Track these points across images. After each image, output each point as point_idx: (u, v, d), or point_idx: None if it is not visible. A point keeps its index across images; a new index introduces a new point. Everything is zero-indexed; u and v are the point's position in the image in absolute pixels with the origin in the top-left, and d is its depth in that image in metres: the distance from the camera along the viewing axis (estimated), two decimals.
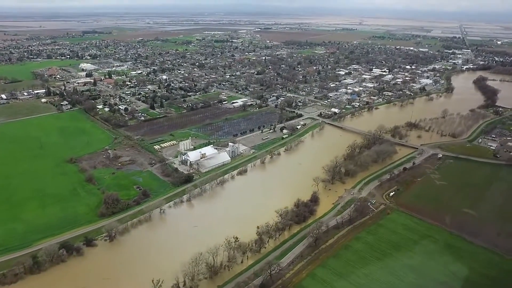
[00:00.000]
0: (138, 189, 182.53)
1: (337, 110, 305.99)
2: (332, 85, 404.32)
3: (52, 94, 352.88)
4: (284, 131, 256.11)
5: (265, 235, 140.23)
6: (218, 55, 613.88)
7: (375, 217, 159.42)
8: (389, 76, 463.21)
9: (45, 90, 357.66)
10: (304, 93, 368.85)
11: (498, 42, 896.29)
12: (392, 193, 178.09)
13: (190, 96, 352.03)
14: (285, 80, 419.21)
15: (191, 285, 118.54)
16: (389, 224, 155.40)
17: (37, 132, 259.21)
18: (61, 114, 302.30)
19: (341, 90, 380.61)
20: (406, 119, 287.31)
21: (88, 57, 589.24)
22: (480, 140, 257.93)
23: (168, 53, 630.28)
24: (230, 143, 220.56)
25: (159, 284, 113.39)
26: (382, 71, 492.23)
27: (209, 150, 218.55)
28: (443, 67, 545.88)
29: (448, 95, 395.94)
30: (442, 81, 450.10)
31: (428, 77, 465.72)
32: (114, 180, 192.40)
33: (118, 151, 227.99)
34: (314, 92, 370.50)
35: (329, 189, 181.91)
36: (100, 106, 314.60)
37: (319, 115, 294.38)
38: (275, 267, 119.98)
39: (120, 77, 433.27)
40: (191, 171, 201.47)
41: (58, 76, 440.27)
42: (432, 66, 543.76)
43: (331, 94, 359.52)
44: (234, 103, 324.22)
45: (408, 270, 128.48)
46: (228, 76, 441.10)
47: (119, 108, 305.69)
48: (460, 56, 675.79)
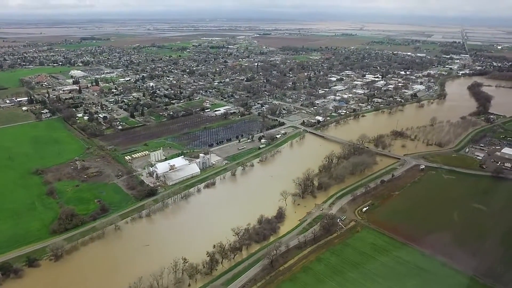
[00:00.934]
0: (98, 203, 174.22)
1: (321, 118, 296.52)
2: (322, 91, 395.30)
3: (34, 102, 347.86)
4: (262, 140, 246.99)
5: (219, 255, 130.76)
6: (211, 62, 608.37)
7: (343, 235, 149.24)
8: (382, 82, 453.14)
9: (27, 98, 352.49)
10: (290, 100, 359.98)
11: (498, 47, 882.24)
12: (365, 209, 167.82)
13: (173, 104, 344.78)
14: (273, 86, 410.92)
15: None
16: (357, 243, 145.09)
17: (10, 142, 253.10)
18: (39, 122, 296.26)
19: (329, 97, 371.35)
20: (393, 127, 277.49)
21: (80, 64, 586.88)
22: (468, 149, 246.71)
23: (161, 59, 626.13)
24: (201, 154, 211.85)
25: None
26: (375, 77, 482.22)
27: (179, 161, 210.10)
28: (439, 72, 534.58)
29: (441, 102, 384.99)
30: (436, 87, 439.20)
31: (421, 83, 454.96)
32: (76, 193, 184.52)
33: (87, 162, 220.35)
34: (301, 99, 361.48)
35: (298, 204, 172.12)
36: (80, 115, 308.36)
37: (302, 123, 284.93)
38: None
39: (107, 84, 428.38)
40: (157, 183, 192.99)
41: (45, 84, 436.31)
42: (427, 71, 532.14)
43: (318, 101, 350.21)
44: (217, 111, 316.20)
45: None
46: (216, 83, 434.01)
47: (99, 117, 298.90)
48: (458, 61, 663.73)
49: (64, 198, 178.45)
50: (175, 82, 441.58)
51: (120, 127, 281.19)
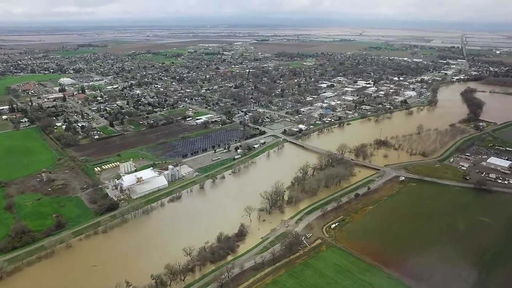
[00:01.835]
0: (56, 218, 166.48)
1: (304, 126, 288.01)
2: (310, 98, 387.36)
3: (16, 110, 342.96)
4: (239, 151, 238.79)
5: (167, 277, 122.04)
6: (203, 68, 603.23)
7: (305, 255, 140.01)
8: (373, 88, 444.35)
9: (9, 106, 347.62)
10: (276, 107, 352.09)
11: (497, 52, 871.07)
12: (334, 225, 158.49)
13: (156, 112, 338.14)
14: (261, 94, 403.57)
15: None
16: (319, 264, 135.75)
17: None
18: (16, 132, 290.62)
19: (316, 104, 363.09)
20: (378, 135, 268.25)
21: (72, 71, 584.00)
22: (452, 159, 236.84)
23: (154, 66, 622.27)
24: (170, 166, 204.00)
25: None
26: (366, 83, 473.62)
27: (147, 173, 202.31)
28: (433, 78, 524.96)
29: (431, 108, 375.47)
30: (428, 93, 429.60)
31: (413, 89, 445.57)
32: (36, 208, 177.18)
33: (55, 173, 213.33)
34: (287, 107, 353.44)
35: (263, 220, 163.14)
36: (59, 124, 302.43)
37: (283, 132, 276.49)
38: None
39: (94, 92, 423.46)
40: (121, 197, 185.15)
41: (32, 91, 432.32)
42: (421, 77, 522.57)
43: (304, 109, 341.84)
44: (198, 119, 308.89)
45: None
46: (204, 90, 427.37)
47: (76, 126, 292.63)
48: (454, 66, 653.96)
49: (22, 213, 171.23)
50: (162, 89, 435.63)
51: (96, 136, 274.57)
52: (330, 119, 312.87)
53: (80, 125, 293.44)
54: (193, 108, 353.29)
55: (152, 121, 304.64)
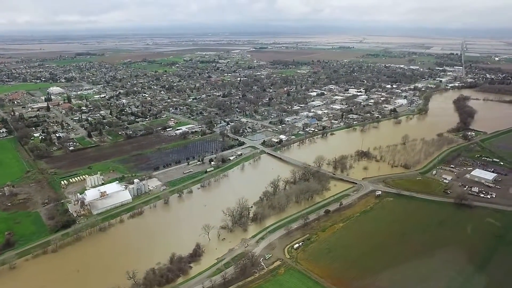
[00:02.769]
0: (8, 235, 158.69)
1: (285, 137, 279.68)
2: (297, 107, 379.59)
3: None
4: (212, 163, 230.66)
5: None
6: (195, 77, 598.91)
7: (261, 278, 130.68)
8: (363, 96, 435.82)
9: None
10: (260, 117, 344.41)
11: (496, 58, 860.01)
12: (297, 245, 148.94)
13: (138, 122, 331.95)
14: (247, 103, 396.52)
15: None
16: None
17: None
18: None
19: (302, 113, 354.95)
20: (363, 146, 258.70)
21: (63, 80, 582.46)
22: (435, 171, 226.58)
23: (146, 75, 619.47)
24: (135, 180, 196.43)
25: None
26: (357, 91, 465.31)
27: (112, 187, 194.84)
28: (427, 85, 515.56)
29: (421, 117, 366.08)
30: (420, 101, 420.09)
31: (405, 97, 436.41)
32: None
33: (19, 187, 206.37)
34: (272, 116, 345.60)
35: (223, 239, 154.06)
36: (37, 134, 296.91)
37: (262, 143, 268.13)
38: None
39: (80, 102, 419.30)
40: (82, 212, 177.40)
41: (18, 101, 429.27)
42: (414, 85, 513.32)
43: (288, 119, 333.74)
44: (178, 130, 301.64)
45: None
46: (191, 99, 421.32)
47: (54, 137, 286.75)
48: (451, 73, 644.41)
49: None
50: (149, 98, 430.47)
51: (71, 148, 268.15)
52: (313, 129, 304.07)
53: (57, 136, 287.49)
54: (177, 118, 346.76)
55: (130, 132, 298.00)
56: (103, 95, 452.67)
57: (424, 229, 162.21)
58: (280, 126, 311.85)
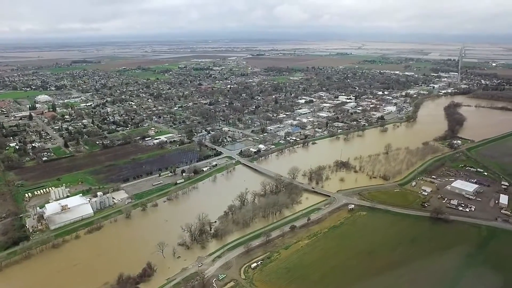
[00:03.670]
0: None
1: (263, 146, 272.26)
2: (283, 115, 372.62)
3: None
4: (184, 174, 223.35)
5: None
6: (186, 84, 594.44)
7: None
8: (352, 104, 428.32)
9: None
10: (243, 126, 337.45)
11: (493, 64, 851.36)
12: (254, 264, 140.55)
13: (118, 131, 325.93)
14: (232, 111, 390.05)
15: None
16: None
17: None
18: None
19: (287, 121, 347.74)
20: (343, 155, 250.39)
21: (53, 88, 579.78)
22: (415, 183, 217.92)
23: (137, 82, 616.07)
24: (98, 193, 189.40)
25: None
26: (347, 99, 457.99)
27: (74, 200, 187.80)
28: (419, 92, 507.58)
29: (409, 125, 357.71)
30: (410, 108, 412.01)
31: (395, 104, 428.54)
32: None
33: None
34: (254, 125, 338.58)
35: (178, 257, 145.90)
36: (13, 144, 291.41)
37: (240, 153, 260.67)
38: None
39: (65, 110, 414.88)
40: (38, 227, 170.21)
41: (3, 109, 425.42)
42: (406, 91, 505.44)
43: (271, 127, 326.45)
44: (157, 139, 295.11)
45: None
46: (176, 108, 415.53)
47: (28, 147, 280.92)
48: (446, 79, 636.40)
49: None
50: (135, 107, 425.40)
51: (45, 158, 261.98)
52: (295, 138, 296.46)
53: (32, 146, 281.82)
54: (158, 126, 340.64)
55: (108, 142, 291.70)
56: (89, 103, 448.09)
57: (393, 247, 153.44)
58: (261, 135, 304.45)
